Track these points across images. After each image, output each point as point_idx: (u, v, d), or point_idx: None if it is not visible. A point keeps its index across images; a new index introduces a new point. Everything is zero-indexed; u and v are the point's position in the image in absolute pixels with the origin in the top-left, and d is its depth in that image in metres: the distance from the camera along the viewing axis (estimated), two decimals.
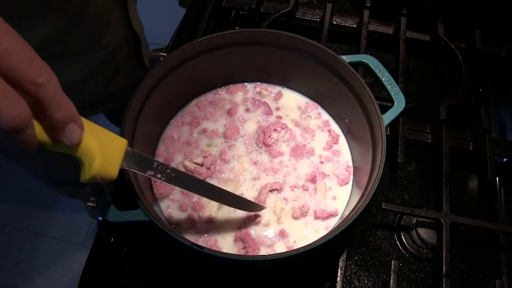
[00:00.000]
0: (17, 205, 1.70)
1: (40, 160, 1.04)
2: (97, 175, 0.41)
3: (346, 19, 0.83)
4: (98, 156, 0.40)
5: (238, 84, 0.72)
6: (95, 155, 0.40)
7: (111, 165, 0.43)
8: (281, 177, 0.64)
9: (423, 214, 0.63)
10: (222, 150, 0.66)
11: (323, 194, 0.62)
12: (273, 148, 0.66)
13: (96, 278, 0.60)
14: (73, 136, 0.36)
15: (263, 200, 0.61)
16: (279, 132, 0.67)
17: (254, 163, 0.65)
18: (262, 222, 0.60)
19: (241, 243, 0.58)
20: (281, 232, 0.60)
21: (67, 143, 0.37)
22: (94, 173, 0.41)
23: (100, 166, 0.41)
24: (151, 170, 0.48)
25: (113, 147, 0.43)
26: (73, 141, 0.37)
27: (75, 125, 0.36)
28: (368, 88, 0.58)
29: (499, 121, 0.78)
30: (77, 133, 0.37)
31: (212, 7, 0.82)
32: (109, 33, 0.80)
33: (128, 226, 0.60)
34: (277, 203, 0.62)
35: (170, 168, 0.50)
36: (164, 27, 1.27)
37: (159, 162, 0.49)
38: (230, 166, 0.65)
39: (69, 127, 0.36)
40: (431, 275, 0.63)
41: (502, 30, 0.82)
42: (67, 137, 0.36)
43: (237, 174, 0.64)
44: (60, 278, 1.54)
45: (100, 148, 0.41)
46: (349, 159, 0.66)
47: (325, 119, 0.70)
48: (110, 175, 0.43)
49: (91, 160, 0.40)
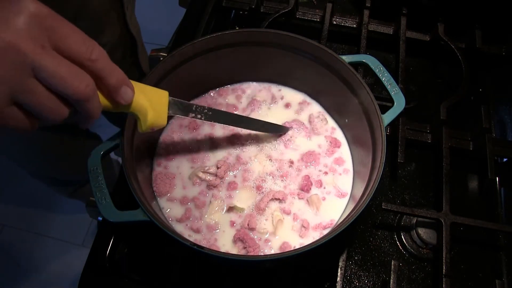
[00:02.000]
0: (17, 205, 1.70)
1: (38, 159, 1.04)
2: (151, 125, 0.49)
3: (346, 19, 0.83)
4: (150, 109, 0.48)
5: (238, 84, 0.72)
6: (147, 109, 0.48)
7: (160, 115, 0.50)
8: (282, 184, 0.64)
9: (423, 214, 0.63)
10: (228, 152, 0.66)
11: (318, 206, 0.62)
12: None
13: (96, 278, 0.60)
14: (127, 96, 0.44)
15: (263, 207, 0.60)
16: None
17: (269, 159, 0.66)
18: (257, 229, 0.59)
19: (241, 243, 0.58)
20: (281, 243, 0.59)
21: (123, 103, 0.44)
22: (149, 124, 0.49)
23: (153, 118, 0.49)
24: (192, 113, 0.56)
25: (159, 99, 0.51)
26: (128, 101, 0.44)
27: (127, 87, 0.43)
28: (368, 88, 0.58)
29: (499, 121, 0.78)
30: (130, 93, 0.44)
31: (212, 7, 0.82)
32: (106, 34, 0.80)
33: (128, 226, 0.60)
34: (275, 214, 0.61)
35: (207, 108, 0.57)
36: (164, 27, 1.27)
37: (197, 105, 0.56)
38: (248, 167, 0.65)
39: (123, 89, 0.43)
40: (431, 275, 0.63)
41: (502, 30, 0.82)
42: (123, 98, 0.43)
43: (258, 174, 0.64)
44: (60, 278, 1.54)
45: (149, 103, 0.48)
46: (349, 184, 0.65)
47: (324, 118, 0.70)
48: (161, 123, 0.50)
49: (144, 114, 0.48)
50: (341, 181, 0.64)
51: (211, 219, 0.60)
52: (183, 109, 0.54)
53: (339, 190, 0.63)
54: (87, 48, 0.38)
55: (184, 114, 0.55)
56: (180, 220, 0.60)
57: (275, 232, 0.59)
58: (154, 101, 0.49)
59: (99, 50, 0.39)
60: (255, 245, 0.57)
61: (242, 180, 0.63)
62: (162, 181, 0.63)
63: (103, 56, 0.40)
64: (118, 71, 0.42)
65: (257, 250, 0.57)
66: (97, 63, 0.39)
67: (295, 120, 0.69)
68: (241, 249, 0.58)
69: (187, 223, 0.60)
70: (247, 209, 0.61)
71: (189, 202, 0.62)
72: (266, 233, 0.59)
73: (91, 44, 0.39)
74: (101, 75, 0.40)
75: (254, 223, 0.59)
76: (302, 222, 0.60)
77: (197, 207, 0.61)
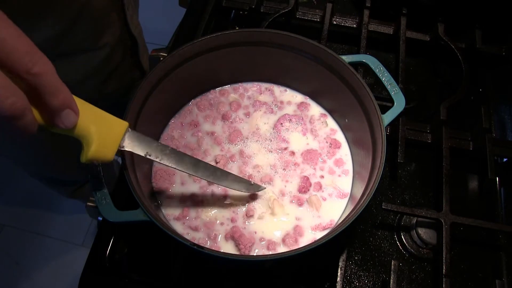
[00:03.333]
0: (17, 205, 1.70)
1: (38, 159, 1.04)
2: (93, 158, 0.44)
3: (346, 19, 0.83)
4: (95, 140, 0.43)
5: (238, 84, 0.72)
6: (92, 138, 0.43)
7: (107, 147, 0.45)
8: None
9: (423, 214, 0.63)
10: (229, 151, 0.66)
11: (317, 207, 0.62)
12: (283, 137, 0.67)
13: (96, 278, 0.60)
14: (68, 121, 0.39)
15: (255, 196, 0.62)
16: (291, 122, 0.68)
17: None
18: (256, 215, 0.60)
19: (232, 241, 0.58)
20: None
21: (63, 127, 0.39)
22: (90, 157, 0.44)
23: (96, 149, 0.44)
24: (150, 151, 0.50)
25: (111, 130, 0.46)
26: (68, 126, 0.39)
27: (70, 111, 0.39)
28: (368, 88, 0.58)
29: (499, 121, 0.78)
30: (72, 118, 0.39)
31: (212, 7, 0.82)
32: (107, 35, 0.80)
33: (128, 226, 0.60)
34: (270, 195, 0.62)
35: (169, 149, 0.51)
36: (164, 27, 1.27)
37: (159, 143, 0.51)
38: (252, 161, 0.65)
39: (65, 112, 0.38)
40: (431, 275, 0.63)
41: (502, 30, 0.82)
42: (63, 122, 0.39)
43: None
44: (60, 278, 1.54)
45: (97, 132, 0.43)
46: (349, 185, 0.65)
47: (325, 121, 0.70)
48: (105, 157, 0.45)
49: (88, 143, 0.43)
50: (341, 182, 0.64)
51: (210, 215, 0.60)
52: (140, 145, 0.49)
53: (339, 191, 0.63)
54: (30, 59, 0.33)
55: (140, 151, 0.49)
56: (177, 218, 0.60)
57: (273, 211, 0.60)
58: (104, 131, 0.44)
59: (44, 65, 0.35)
60: (247, 241, 0.57)
61: (238, 172, 0.64)
62: (162, 177, 0.63)
63: (48, 72, 0.35)
64: (64, 91, 0.38)
65: (249, 246, 0.57)
66: (39, 78, 0.34)
67: (296, 115, 0.69)
68: (233, 246, 0.58)
69: (183, 222, 0.60)
70: (243, 200, 0.61)
71: (187, 200, 0.62)
72: (264, 216, 0.60)
73: (37, 56, 0.34)
74: (42, 92, 0.35)
75: (252, 211, 0.60)
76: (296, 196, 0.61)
77: (196, 205, 0.61)
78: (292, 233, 0.59)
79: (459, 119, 0.74)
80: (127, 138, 0.47)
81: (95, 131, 0.43)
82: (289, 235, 0.59)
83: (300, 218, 0.61)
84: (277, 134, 0.68)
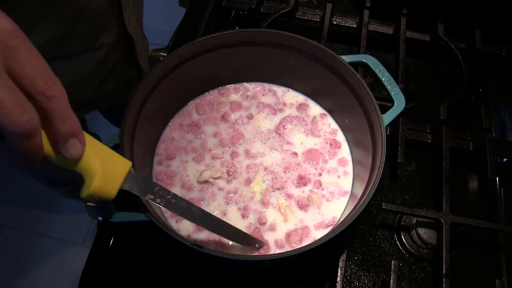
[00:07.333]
0: (17, 205, 1.70)
1: None
2: (94, 194, 0.42)
3: (346, 19, 0.83)
4: (98, 175, 0.42)
5: (238, 84, 0.72)
6: (95, 173, 0.41)
7: (110, 186, 0.44)
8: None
9: (423, 214, 0.63)
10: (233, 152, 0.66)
11: (319, 205, 0.62)
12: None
13: (96, 278, 0.60)
14: (74, 151, 0.38)
15: (266, 201, 0.61)
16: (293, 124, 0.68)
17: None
18: (268, 224, 0.60)
19: None
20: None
21: (68, 157, 0.38)
22: (92, 192, 0.42)
23: (98, 186, 0.42)
24: (152, 194, 0.48)
25: (115, 168, 0.44)
26: (73, 156, 0.38)
27: (77, 140, 0.38)
28: (368, 88, 0.58)
29: (499, 121, 0.78)
30: (78, 148, 0.38)
31: (212, 7, 0.82)
32: (104, 36, 0.80)
33: (128, 226, 0.60)
34: (281, 202, 0.61)
35: (171, 194, 0.50)
36: (164, 27, 1.27)
37: (161, 187, 0.49)
38: (257, 161, 0.65)
39: (71, 141, 0.37)
40: (431, 275, 0.63)
41: (502, 30, 0.82)
42: (68, 151, 0.37)
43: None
44: (60, 278, 1.54)
45: (101, 167, 0.42)
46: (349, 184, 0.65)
47: (327, 122, 0.70)
48: (108, 195, 0.44)
49: (90, 178, 0.41)
50: (342, 181, 0.64)
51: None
52: (142, 187, 0.47)
53: (340, 189, 0.63)
54: (46, 82, 0.33)
55: (141, 193, 0.48)
56: (178, 218, 0.60)
57: (286, 218, 0.60)
58: (108, 167, 0.43)
59: (59, 89, 0.34)
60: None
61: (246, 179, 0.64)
62: (163, 181, 0.63)
63: (61, 97, 0.35)
64: (73, 119, 0.37)
65: (268, 249, 0.58)
66: (52, 102, 0.34)
67: (297, 116, 0.69)
68: None
69: (184, 222, 0.60)
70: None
71: (189, 198, 0.61)
72: (276, 225, 0.60)
73: (52, 80, 0.34)
74: (51, 116, 0.35)
75: (265, 218, 0.60)
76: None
77: (200, 203, 0.61)
78: (300, 233, 0.60)
79: (459, 119, 0.74)
80: (129, 178, 0.46)
81: (99, 166, 0.42)
82: (296, 233, 0.59)
83: (305, 219, 0.61)
84: (280, 137, 0.68)
